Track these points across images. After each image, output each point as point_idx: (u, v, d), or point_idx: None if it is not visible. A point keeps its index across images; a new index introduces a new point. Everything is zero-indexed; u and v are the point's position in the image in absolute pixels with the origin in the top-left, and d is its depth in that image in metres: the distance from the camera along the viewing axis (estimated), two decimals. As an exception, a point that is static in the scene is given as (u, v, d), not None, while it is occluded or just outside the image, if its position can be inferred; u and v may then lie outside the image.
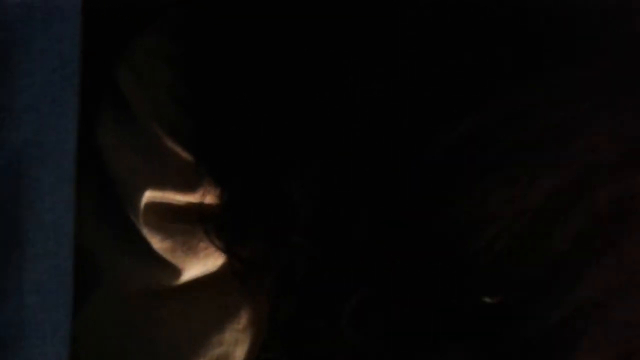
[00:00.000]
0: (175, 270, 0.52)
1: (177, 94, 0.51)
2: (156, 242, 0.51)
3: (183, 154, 0.52)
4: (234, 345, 0.52)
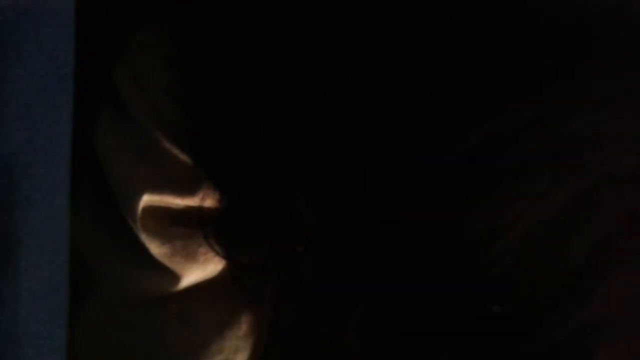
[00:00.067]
0: (174, 276, 0.50)
1: (176, 95, 0.50)
2: (154, 247, 0.50)
3: (182, 156, 0.50)
4: (235, 352, 0.51)
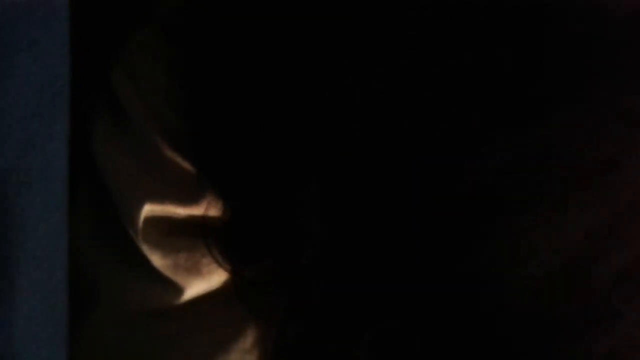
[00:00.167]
0: (177, 289, 0.49)
1: (176, 99, 0.47)
2: (156, 259, 0.48)
3: (184, 164, 0.48)
4: (240, 366, 0.50)
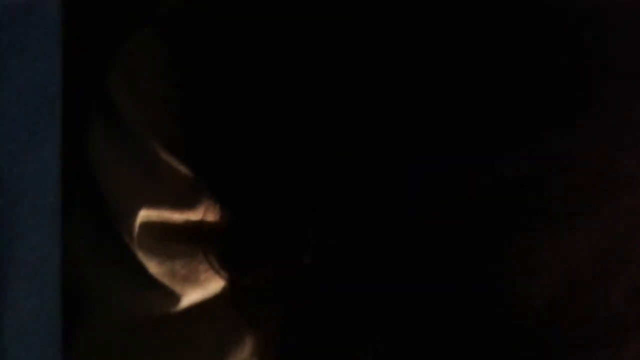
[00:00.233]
0: (174, 296, 0.47)
1: (173, 102, 0.46)
2: (153, 266, 0.47)
3: (180, 168, 0.47)
4: (239, 374, 0.49)
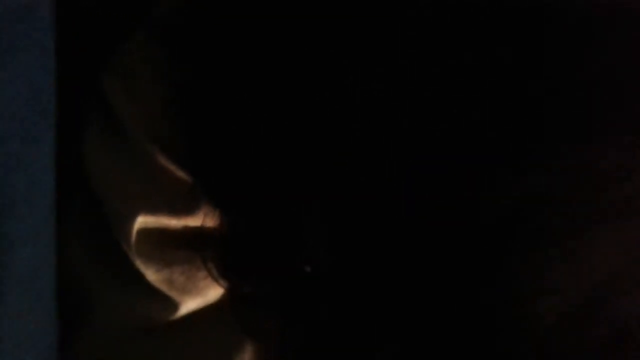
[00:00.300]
0: (172, 304, 0.46)
1: (171, 105, 0.44)
2: (150, 273, 0.46)
3: (178, 173, 0.45)
4: (239, 382, 0.47)
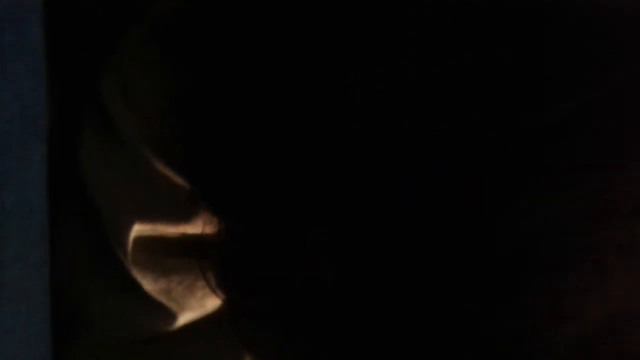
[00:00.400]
0: (170, 314, 0.45)
1: (169, 110, 0.43)
2: (147, 283, 0.45)
3: (176, 179, 0.44)
4: (238, 393, 0.47)
